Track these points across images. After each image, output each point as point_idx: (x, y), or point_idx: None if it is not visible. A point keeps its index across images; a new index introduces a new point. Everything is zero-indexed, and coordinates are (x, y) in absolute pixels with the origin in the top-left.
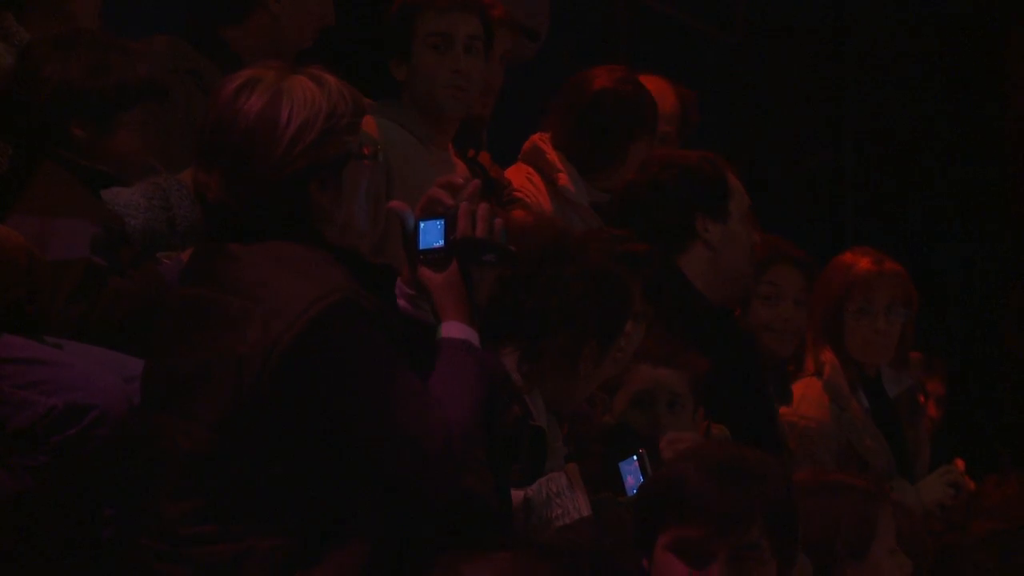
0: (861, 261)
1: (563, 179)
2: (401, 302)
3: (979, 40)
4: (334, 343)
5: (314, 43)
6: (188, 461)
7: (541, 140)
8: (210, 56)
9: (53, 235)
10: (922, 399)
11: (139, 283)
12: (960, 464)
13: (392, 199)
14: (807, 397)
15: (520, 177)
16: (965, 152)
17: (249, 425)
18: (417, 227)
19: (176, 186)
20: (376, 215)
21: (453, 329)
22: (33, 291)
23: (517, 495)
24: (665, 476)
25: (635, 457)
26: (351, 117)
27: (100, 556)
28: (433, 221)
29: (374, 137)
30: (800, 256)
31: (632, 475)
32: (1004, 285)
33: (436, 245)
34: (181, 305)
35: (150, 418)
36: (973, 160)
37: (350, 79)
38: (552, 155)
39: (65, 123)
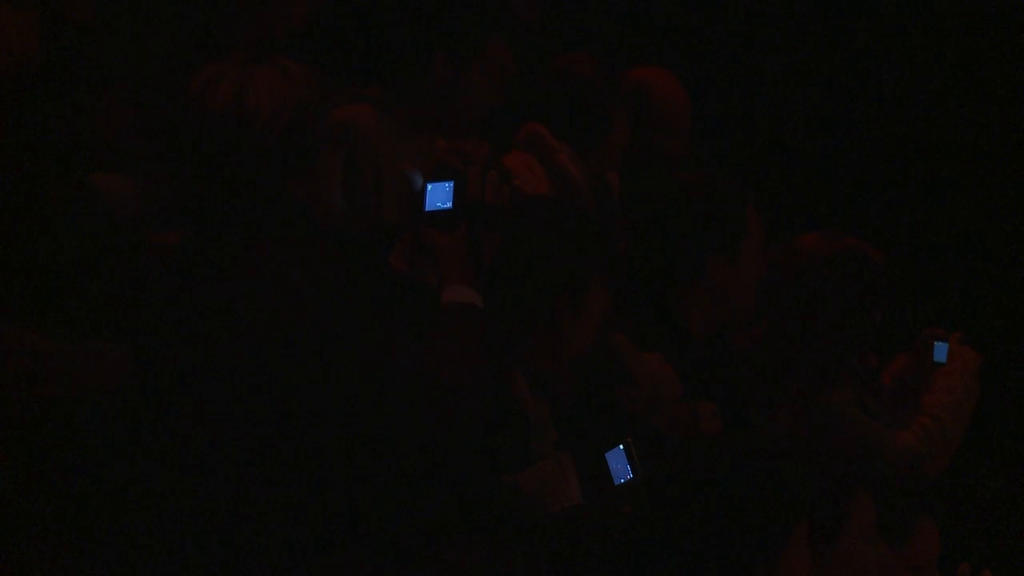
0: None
1: (563, 158)
2: (400, 264)
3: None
4: (344, 332)
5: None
6: (202, 452)
7: (538, 127)
8: (197, 46)
9: None
10: None
11: (128, 269)
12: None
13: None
14: None
15: (519, 165)
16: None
17: (262, 417)
18: (424, 188)
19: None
20: (374, 198)
21: (458, 292)
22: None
23: (507, 482)
24: (733, 495)
25: (622, 447)
26: (318, 103)
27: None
28: (441, 183)
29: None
30: None
31: (619, 464)
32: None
33: (444, 207)
34: (176, 299)
35: (152, 411)
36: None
37: (337, 61)
38: (551, 140)
39: (46, 110)
